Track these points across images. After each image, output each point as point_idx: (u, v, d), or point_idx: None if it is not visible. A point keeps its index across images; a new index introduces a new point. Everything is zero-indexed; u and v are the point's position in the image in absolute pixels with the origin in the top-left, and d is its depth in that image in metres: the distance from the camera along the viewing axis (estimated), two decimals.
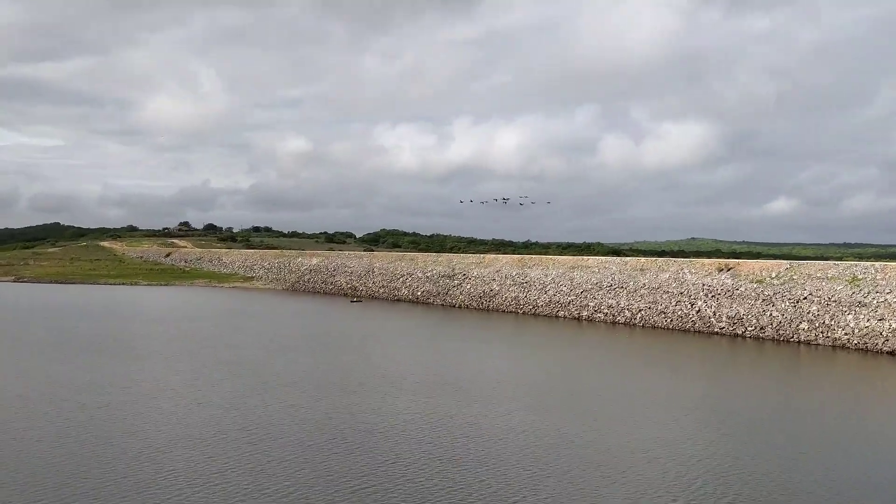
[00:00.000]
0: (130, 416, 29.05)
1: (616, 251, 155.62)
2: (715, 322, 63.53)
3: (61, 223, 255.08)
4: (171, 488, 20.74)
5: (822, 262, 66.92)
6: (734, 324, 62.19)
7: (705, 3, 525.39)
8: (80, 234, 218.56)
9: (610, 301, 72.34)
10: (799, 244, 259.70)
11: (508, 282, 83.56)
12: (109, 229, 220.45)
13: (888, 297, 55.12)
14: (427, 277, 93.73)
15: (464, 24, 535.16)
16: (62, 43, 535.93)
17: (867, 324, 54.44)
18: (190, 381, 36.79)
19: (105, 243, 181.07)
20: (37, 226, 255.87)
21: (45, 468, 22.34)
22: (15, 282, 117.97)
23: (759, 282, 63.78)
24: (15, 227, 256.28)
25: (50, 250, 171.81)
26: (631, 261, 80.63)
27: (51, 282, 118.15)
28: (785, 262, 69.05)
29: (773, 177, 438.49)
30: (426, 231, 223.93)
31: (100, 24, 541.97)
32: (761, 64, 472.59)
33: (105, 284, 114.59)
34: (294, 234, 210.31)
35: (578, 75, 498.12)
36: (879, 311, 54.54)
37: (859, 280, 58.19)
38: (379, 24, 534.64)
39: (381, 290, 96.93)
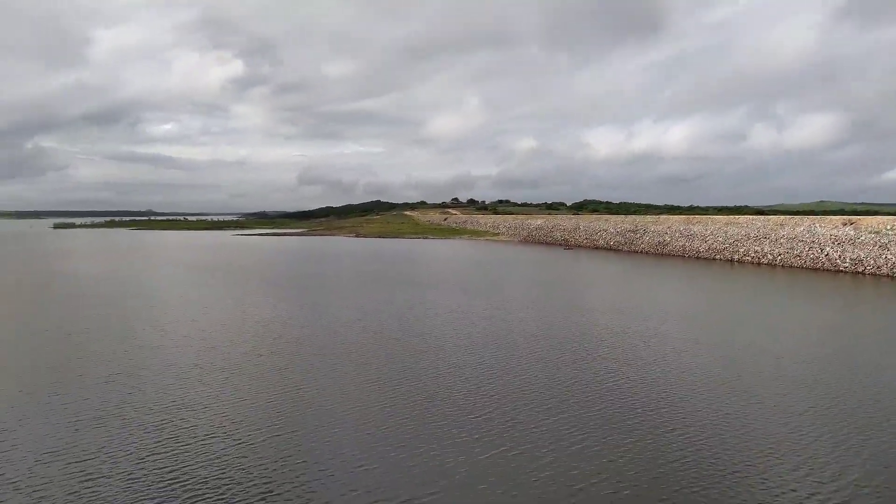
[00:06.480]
0: (434, 324, 31.40)
1: (760, 212, 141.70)
2: (840, 263, 56.94)
3: (381, 200, 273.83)
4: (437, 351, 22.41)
5: None
6: (856, 264, 55.44)
7: (839, 21, 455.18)
8: (391, 207, 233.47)
9: (756, 248, 66.79)
10: None
11: (677, 234, 79.38)
12: (409, 203, 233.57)
13: None
14: (617, 232, 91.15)
15: (651, 51, 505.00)
16: (380, 85, 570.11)
17: None
18: (470, 301, 38.92)
19: (407, 212, 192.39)
20: (367, 202, 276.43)
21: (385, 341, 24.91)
22: (356, 237, 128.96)
23: (877, 233, 56.14)
24: (354, 203, 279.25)
25: (375, 217, 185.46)
26: (773, 218, 73.59)
27: (376, 237, 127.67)
28: None
29: (890, 152, 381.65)
30: (616, 200, 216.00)
31: (403, 70, 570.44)
32: (891, 65, 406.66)
33: (407, 238, 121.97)
34: (525, 204, 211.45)
35: (735, 83, 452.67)
36: None
37: None
38: (590, 54, 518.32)
39: (585, 241, 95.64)
